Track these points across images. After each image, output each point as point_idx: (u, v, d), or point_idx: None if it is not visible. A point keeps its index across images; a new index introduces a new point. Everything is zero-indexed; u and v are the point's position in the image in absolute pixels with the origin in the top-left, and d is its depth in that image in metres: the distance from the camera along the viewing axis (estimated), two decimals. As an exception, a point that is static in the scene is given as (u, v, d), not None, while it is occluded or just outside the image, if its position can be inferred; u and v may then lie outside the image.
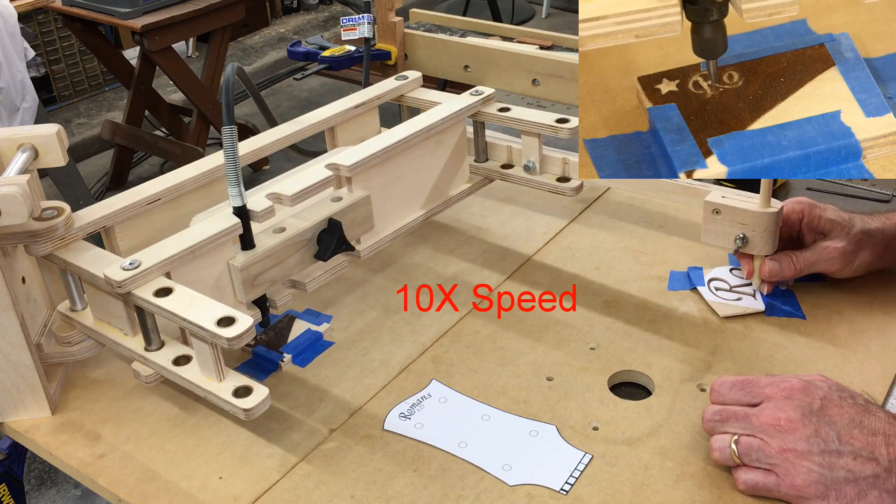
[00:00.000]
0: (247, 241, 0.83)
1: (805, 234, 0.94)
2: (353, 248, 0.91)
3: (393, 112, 1.52)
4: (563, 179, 1.03)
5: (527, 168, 1.05)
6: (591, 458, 0.76)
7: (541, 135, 1.01)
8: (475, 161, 1.09)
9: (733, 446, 0.72)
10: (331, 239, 0.87)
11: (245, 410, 0.72)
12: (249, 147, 0.98)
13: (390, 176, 0.96)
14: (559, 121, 0.99)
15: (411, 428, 0.81)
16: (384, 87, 1.10)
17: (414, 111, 1.08)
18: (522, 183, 1.06)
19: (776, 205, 0.90)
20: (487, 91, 1.05)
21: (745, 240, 0.91)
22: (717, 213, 0.92)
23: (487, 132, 1.08)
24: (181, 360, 0.78)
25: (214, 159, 0.94)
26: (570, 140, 0.99)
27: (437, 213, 1.04)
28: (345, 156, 0.92)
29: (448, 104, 1.03)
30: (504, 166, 1.07)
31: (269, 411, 0.82)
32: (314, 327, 0.95)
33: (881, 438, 0.68)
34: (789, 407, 0.71)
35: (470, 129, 1.07)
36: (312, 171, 0.89)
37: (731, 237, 0.92)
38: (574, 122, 0.98)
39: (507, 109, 1.04)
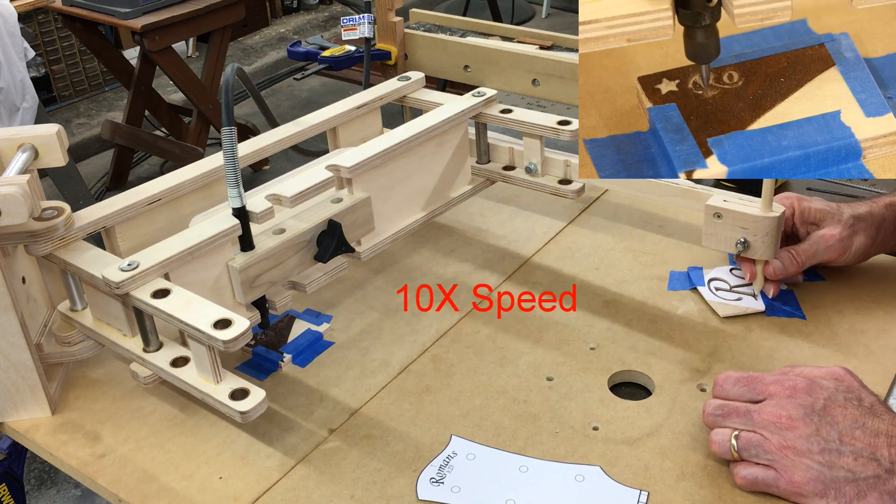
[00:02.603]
0: (246, 243, 0.83)
1: (798, 227, 0.95)
2: (353, 250, 0.91)
3: (393, 112, 1.52)
4: (565, 182, 1.03)
5: (528, 170, 1.04)
6: (647, 496, 0.72)
7: (542, 137, 1.01)
8: (477, 162, 1.08)
9: (733, 441, 0.72)
10: (330, 240, 0.87)
11: (241, 413, 0.72)
12: (250, 148, 0.97)
13: (391, 177, 0.96)
14: (561, 122, 0.99)
15: (448, 493, 0.74)
16: (387, 87, 1.10)
17: (416, 112, 1.08)
18: (524, 185, 1.06)
19: (778, 209, 0.89)
20: (490, 92, 1.05)
21: (746, 244, 0.91)
22: (718, 216, 0.91)
23: (489, 133, 1.08)
24: (179, 362, 0.78)
25: (215, 160, 0.94)
26: (571, 142, 0.99)
27: (439, 214, 1.04)
28: (345, 157, 0.91)
29: (450, 105, 1.03)
30: (506, 168, 1.07)
31: (268, 412, 0.82)
32: (314, 327, 0.95)
33: (884, 440, 0.68)
34: (791, 405, 0.71)
35: (472, 130, 1.07)
36: (313, 172, 0.89)
37: (732, 241, 0.92)
38: (575, 124, 0.98)
39: (510, 111, 1.03)
